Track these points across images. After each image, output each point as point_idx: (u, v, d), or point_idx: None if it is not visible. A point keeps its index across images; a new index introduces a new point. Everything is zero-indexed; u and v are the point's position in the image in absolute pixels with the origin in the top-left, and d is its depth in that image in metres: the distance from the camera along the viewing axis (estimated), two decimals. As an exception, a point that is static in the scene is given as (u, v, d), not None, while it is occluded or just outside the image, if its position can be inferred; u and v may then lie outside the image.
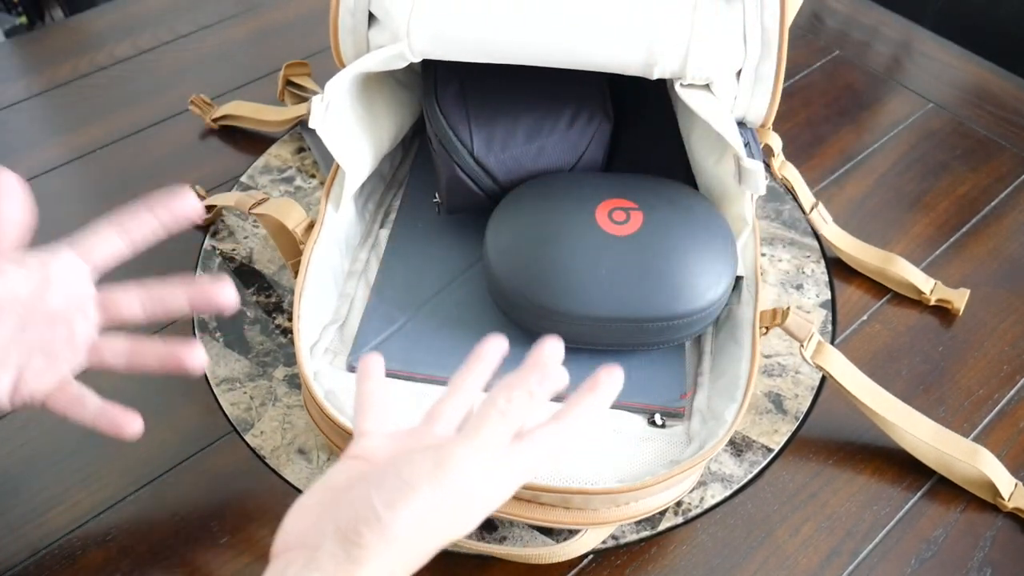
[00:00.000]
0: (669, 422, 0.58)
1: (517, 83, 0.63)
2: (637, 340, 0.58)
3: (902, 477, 0.59)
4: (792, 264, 0.71)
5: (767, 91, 0.57)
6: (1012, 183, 0.79)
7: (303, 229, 0.61)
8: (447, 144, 0.61)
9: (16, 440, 0.59)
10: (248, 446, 0.59)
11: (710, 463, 0.58)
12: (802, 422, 0.61)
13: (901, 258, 0.69)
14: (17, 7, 1.75)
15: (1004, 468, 0.57)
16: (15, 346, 0.43)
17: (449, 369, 0.59)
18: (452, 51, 0.56)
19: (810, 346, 0.57)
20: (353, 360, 0.59)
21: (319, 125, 0.56)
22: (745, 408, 0.53)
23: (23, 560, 0.54)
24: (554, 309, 0.56)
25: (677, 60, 0.54)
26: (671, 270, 0.56)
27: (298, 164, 0.78)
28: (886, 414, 0.57)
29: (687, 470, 0.50)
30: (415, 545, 0.37)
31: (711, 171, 0.61)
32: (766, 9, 0.54)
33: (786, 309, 0.57)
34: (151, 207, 0.45)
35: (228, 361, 0.64)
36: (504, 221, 0.60)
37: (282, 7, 0.97)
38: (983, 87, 0.88)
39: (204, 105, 0.82)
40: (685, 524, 0.56)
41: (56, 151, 0.80)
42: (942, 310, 0.69)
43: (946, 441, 0.57)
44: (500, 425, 0.39)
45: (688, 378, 0.60)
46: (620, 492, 0.49)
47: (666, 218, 0.57)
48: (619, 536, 0.55)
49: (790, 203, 0.76)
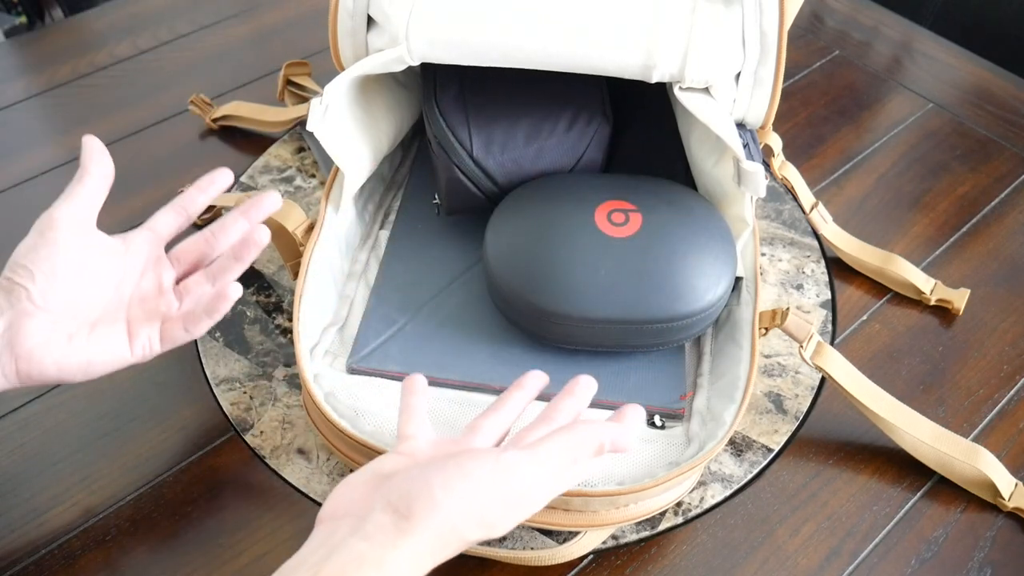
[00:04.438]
0: (669, 423, 0.58)
1: (517, 85, 0.63)
2: (636, 342, 0.58)
3: (902, 477, 0.59)
4: (792, 264, 0.71)
5: (766, 94, 0.57)
6: (1012, 183, 0.79)
7: (303, 231, 0.61)
8: (446, 146, 0.61)
9: (16, 440, 0.59)
10: (248, 446, 0.59)
11: (710, 463, 0.58)
12: (802, 422, 0.61)
13: (901, 258, 0.69)
14: (17, 7, 1.75)
15: (1004, 468, 0.58)
16: (119, 302, 0.52)
17: (448, 371, 0.59)
18: (450, 55, 0.56)
19: (809, 347, 0.57)
20: (353, 363, 0.59)
21: (317, 128, 0.56)
22: (744, 409, 0.53)
23: (23, 560, 0.54)
24: (553, 311, 0.56)
25: (675, 63, 0.54)
26: (670, 272, 0.56)
27: (298, 164, 0.78)
28: (885, 415, 0.57)
29: (686, 472, 0.50)
30: (456, 532, 0.40)
31: (710, 173, 0.61)
32: (765, 13, 0.53)
33: (785, 310, 0.57)
34: (200, 187, 0.56)
35: (228, 361, 0.64)
36: (503, 223, 0.60)
37: (282, 7, 0.97)
38: (983, 87, 0.88)
39: (204, 105, 0.82)
40: (685, 524, 0.56)
41: (56, 151, 0.80)
42: (942, 310, 0.69)
43: (946, 441, 0.57)
44: (561, 450, 0.43)
45: (688, 379, 0.60)
46: (619, 494, 0.49)
47: (665, 219, 0.57)
48: (619, 536, 0.55)
49: (790, 203, 0.76)
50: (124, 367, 0.52)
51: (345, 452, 0.54)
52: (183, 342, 0.53)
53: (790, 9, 0.55)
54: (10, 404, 0.61)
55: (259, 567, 0.54)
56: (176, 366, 0.63)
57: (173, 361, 0.63)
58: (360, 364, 0.59)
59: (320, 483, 0.57)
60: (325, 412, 0.52)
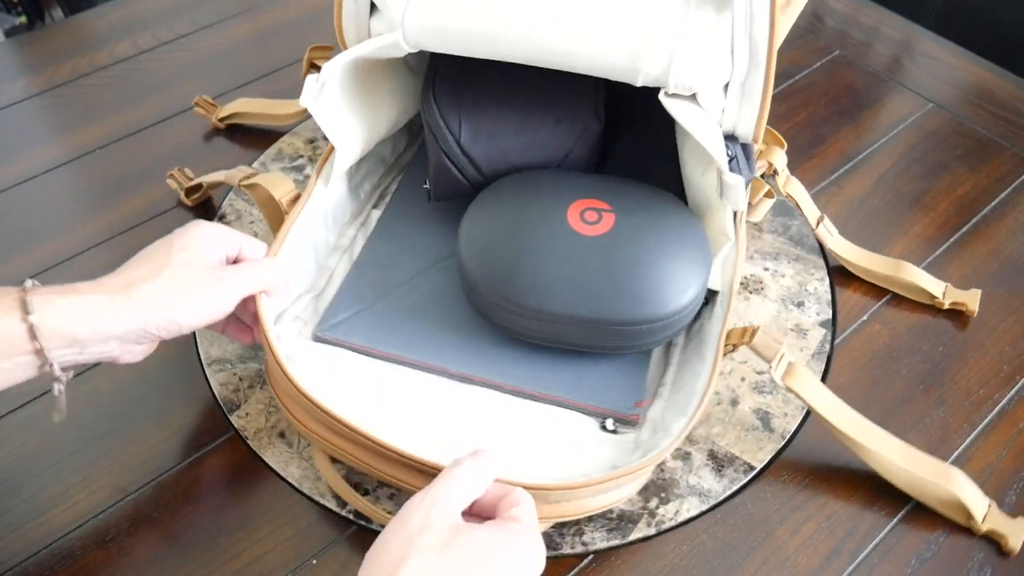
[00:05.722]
0: (622, 429, 0.57)
1: (516, 80, 0.63)
2: (599, 343, 0.57)
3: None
4: (795, 280, 0.70)
5: (754, 106, 0.55)
6: (1012, 183, 0.79)
7: (289, 200, 0.61)
8: (436, 131, 0.62)
9: (16, 440, 0.59)
10: (233, 427, 0.59)
11: (688, 476, 0.58)
12: (788, 442, 0.60)
13: (910, 264, 0.69)
14: (17, 7, 1.75)
15: (977, 488, 0.56)
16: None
17: (409, 350, 0.60)
18: (444, 44, 0.57)
19: (779, 367, 0.55)
20: (319, 331, 0.60)
21: (311, 104, 0.58)
22: (693, 423, 0.52)
23: (23, 560, 0.54)
24: (514, 301, 0.56)
25: (660, 68, 0.53)
26: (635, 275, 0.55)
27: (310, 153, 0.78)
28: (856, 436, 0.56)
29: (618, 478, 0.50)
30: None
31: (698, 183, 0.60)
32: (755, 22, 0.52)
33: (755, 328, 0.56)
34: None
35: (222, 342, 0.64)
36: (478, 211, 0.60)
37: (282, 7, 0.97)
38: (983, 87, 0.88)
39: (208, 106, 0.82)
40: (657, 536, 0.55)
41: (56, 151, 0.80)
42: (948, 310, 0.68)
43: (917, 462, 0.56)
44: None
45: (651, 387, 0.59)
46: (548, 489, 0.49)
47: (638, 223, 0.57)
48: (619, 537, 0.55)
49: (799, 218, 0.74)
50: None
51: (294, 412, 0.54)
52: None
53: (782, 23, 0.54)
54: (10, 404, 0.61)
55: (259, 567, 0.54)
56: (176, 366, 0.63)
57: (173, 361, 0.64)
58: (325, 333, 0.60)
59: (298, 468, 0.58)
60: (282, 364, 0.52)
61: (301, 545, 0.55)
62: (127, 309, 0.49)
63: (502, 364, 0.59)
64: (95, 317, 0.48)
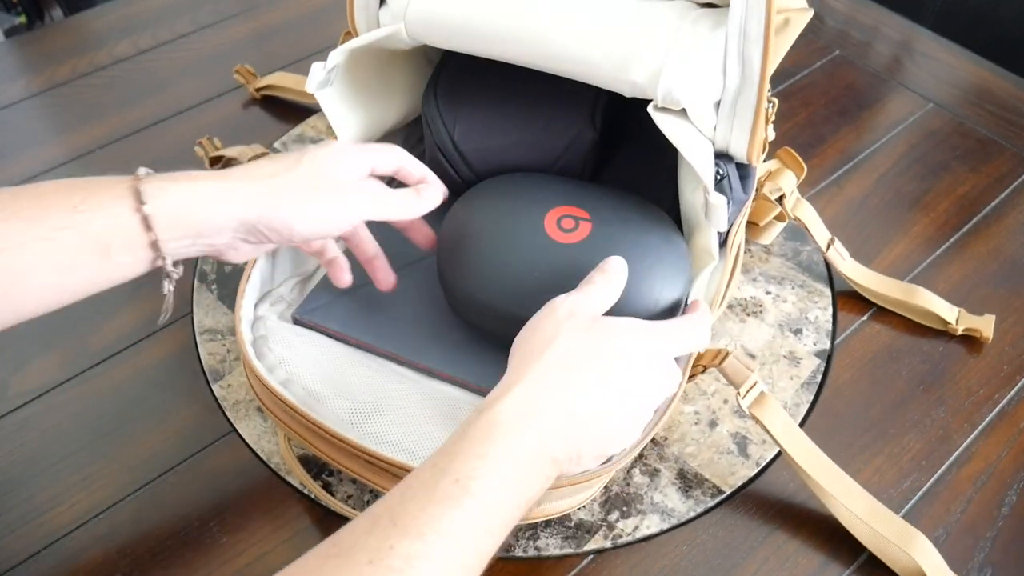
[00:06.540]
0: None
1: (517, 82, 0.64)
2: None
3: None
4: (796, 307, 0.68)
5: (746, 126, 0.54)
6: (1012, 183, 0.79)
7: None
8: (432, 125, 0.63)
9: (16, 440, 0.59)
10: (214, 397, 0.60)
11: (653, 493, 0.57)
12: (762, 470, 0.59)
13: (923, 289, 0.67)
14: (17, 7, 1.75)
15: (941, 557, 0.53)
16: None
17: (384, 340, 0.60)
18: (442, 38, 0.58)
19: (749, 396, 0.53)
20: (298, 313, 0.61)
21: (315, 90, 0.59)
22: (646, 441, 0.51)
23: (23, 560, 0.54)
24: (482, 302, 0.56)
25: (647, 79, 0.53)
26: None
27: (334, 136, 0.78)
28: (820, 479, 0.53)
29: (579, 484, 0.49)
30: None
31: (689, 199, 0.60)
32: (749, 40, 0.51)
33: (726, 352, 0.54)
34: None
35: (216, 314, 0.66)
36: (460, 210, 0.60)
37: (282, 7, 0.97)
38: (983, 87, 0.88)
39: (248, 75, 0.85)
40: (613, 549, 0.55)
41: (56, 151, 0.80)
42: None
43: (881, 519, 0.53)
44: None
45: None
46: None
47: (615, 233, 0.56)
48: (573, 546, 0.55)
49: (811, 245, 0.72)
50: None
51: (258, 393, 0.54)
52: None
53: (778, 44, 0.53)
54: (10, 404, 0.61)
55: (259, 567, 0.54)
56: (176, 366, 0.63)
57: (173, 361, 0.64)
58: (304, 316, 0.61)
59: (270, 443, 0.58)
60: (243, 342, 0.54)
61: (301, 545, 0.55)
62: (243, 199, 0.47)
63: (471, 363, 0.59)
64: (211, 204, 0.47)
